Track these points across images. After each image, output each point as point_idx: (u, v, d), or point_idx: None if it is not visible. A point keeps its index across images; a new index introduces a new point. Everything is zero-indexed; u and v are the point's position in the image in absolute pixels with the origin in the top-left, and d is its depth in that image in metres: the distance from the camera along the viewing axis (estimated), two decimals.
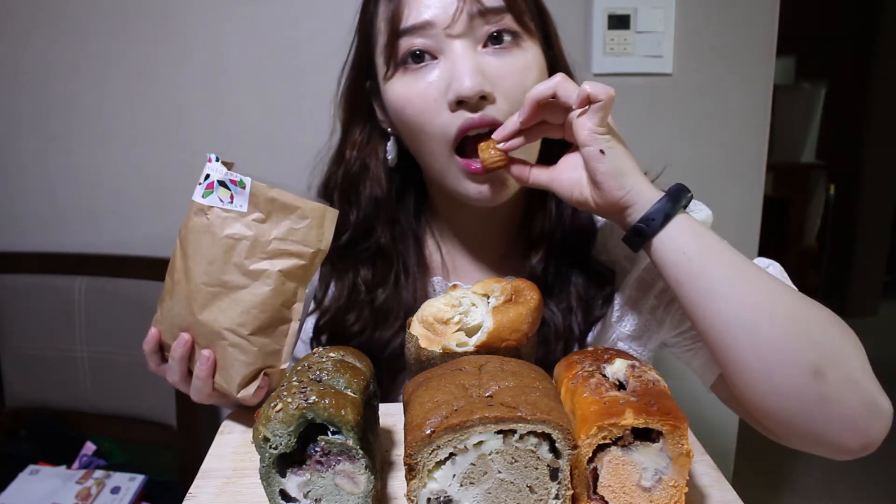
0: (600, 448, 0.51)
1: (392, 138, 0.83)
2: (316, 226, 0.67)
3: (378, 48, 0.76)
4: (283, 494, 0.53)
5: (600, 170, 0.65)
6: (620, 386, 0.56)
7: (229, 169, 0.68)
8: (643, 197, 0.65)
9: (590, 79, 0.73)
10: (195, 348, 0.69)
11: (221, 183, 0.67)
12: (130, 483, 1.44)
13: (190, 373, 0.70)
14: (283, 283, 0.67)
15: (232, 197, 0.67)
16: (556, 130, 0.70)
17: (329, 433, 0.52)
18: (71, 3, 1.51)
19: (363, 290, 0.84)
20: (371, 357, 0.65)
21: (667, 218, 0.64)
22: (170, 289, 0.71)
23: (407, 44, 0.71)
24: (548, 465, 0.50)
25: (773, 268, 0.77)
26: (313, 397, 0.51)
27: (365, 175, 0.84)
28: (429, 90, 0.71)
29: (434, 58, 0.72)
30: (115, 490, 1.42)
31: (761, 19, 1.53)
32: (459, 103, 0.70)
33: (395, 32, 0.72)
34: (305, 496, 0.53)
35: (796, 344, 0.59)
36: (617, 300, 0.82)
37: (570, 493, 0.51)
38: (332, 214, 0.68)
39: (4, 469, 1.46)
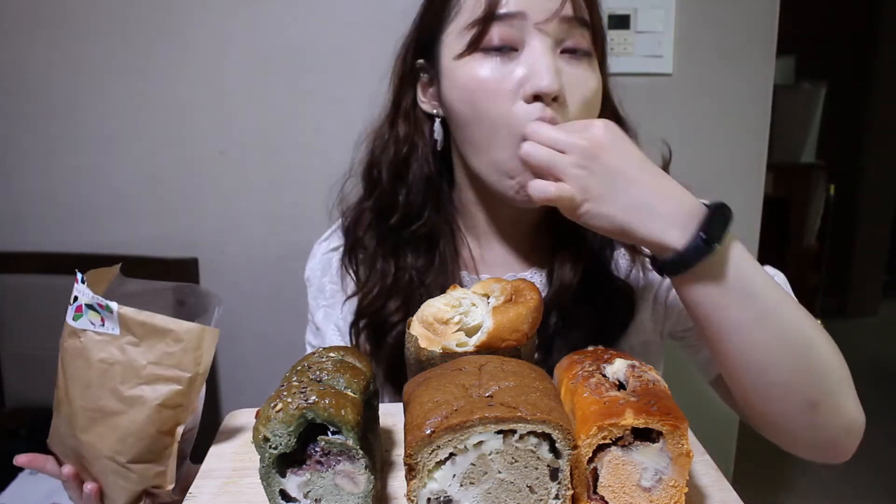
0: (600, 448, 0.51)
1: (438, 121, 0.82)
2: (192, 349, 0.64)
3: (456, 25, 0.75)
4: (283, 494, 0.53)
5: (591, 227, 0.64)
6: (620, 386, 0.56)
7: (107, 281, 0.65)
8: (669, 236, 0.61)
9: None
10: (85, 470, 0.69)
11: (90, 306, 0.64)
12: None
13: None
14: (159, 411, 0.64)
15: (103, 320, 0.64)
16: None
17: (329, 433, 0.52)
18: (71, 3, 1.51)
19: (408, 276, 0.83)
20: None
21: (701, 256, 0.60)
22: (57, 406, 0.69)
23: (497, 31, 0.71)
24: (548, 465, 0.50)
25: (778, 277, 0.79)
26: (313, 397, 0.51)
27: (415, 152, 0.82)
28: (506, 80, 0.71)
29: (514, 49, 0.71)
30: None
31: (761, 19, 1.53)
32: (536, 98, 0.70)
33: (490, 16, 0.71)
34: (305, 496, 0.53)
35: (800, 380, 0.62)
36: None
37: (570, 493, 0.51)
38: (210, 335, 0.65)
39: (4, 469, 1.46)
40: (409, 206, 0.82)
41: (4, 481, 1.43)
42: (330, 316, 0.91)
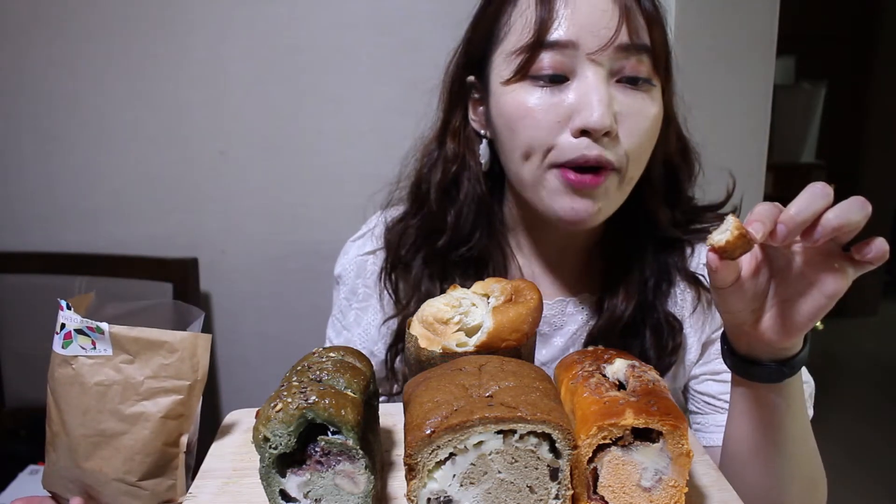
0: (600, 448, 0.51)
1: (485, 141, 0.79)
2: (188, 357, 0.64)
3: (504, 48, 0.71)
4: (283, 494, 0.53)
5: (825, 306, 0.55)
6: (620, 386, 0.56)
7: (84, 308, 0.65)
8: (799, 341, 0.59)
9: None
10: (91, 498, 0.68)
11: (79, 331, 0.64)
12: None
13: None
14: (163, 423, 0.64)
15: (94, 343, 0.64)
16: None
17: (329, 433, 0.52)
18: (71, 3, 1.51)
19: None
20: None
21: (798, 368, 0.61)
22: (51, 440, 0.67)
23: (547, 58, 0.67)
24: (548, 465, 0.50)
25: (808, 387, 0.79)
26: (313, 397, 0.51)
27: (465, 171, 0.80)
28: (553, 111, 0.68)
29: (565, 78, 0.68)
30: None
31: (761, 19, 1.53)
32: (583, 132, 0.67)
33: (539, 43, 0.67)
34: (305, 496, 0.53)
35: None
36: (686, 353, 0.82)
37: (570, 493, 0.51)
38: (204, 340, 0.65)
39: (4, 469, 1.46)
40: (458, 228, 0.80)
41: (4, 481, 1.43)
42: (360, 320, 0.89)
